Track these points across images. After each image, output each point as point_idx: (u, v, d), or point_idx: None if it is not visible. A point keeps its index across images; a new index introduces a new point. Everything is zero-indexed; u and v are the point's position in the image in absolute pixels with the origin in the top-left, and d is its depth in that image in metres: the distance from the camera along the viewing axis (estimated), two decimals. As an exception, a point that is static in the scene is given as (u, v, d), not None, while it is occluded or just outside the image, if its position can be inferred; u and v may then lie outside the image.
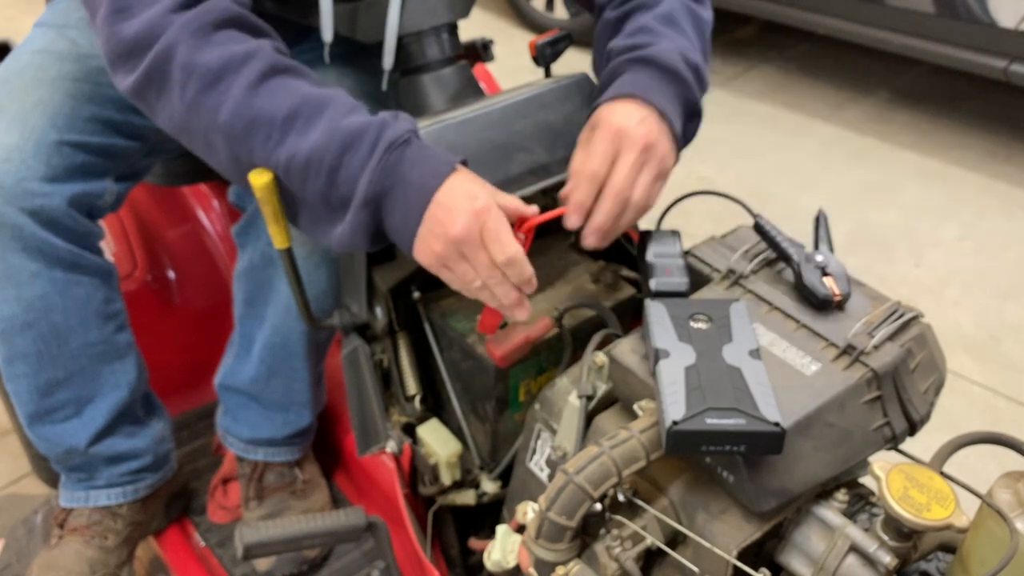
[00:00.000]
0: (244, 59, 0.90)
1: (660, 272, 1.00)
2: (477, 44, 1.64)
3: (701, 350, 0.85)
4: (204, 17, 0.91)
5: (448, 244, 0.88)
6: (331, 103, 0.91)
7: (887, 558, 0.79)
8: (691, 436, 0.77)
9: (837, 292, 0.94)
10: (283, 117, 0.90)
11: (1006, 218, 2.67)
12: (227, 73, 0.90)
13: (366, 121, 0.90)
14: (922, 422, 0.91)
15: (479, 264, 0.89)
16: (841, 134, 3.12)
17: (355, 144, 0.89)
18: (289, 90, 0.91)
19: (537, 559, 0.84)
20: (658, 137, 0.97)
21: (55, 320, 1.18)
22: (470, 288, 0.92)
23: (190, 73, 0.90)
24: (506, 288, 0.91)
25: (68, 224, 1.14)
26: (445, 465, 1.20)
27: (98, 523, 1.34)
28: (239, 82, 0.90)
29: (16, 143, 1.10)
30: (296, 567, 1.39)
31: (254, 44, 0.92)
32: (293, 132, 0.90)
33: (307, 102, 0.90)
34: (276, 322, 1.30)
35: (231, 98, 0.90)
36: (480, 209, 0.88)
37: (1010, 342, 2.22)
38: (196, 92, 0.91)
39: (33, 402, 1.24)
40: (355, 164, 0.89)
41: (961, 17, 2.71)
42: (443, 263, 0.91)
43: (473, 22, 1.26)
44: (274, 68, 0.91)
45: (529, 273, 0.90)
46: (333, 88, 0.93)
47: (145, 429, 1.36)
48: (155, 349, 1.39)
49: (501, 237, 0.88)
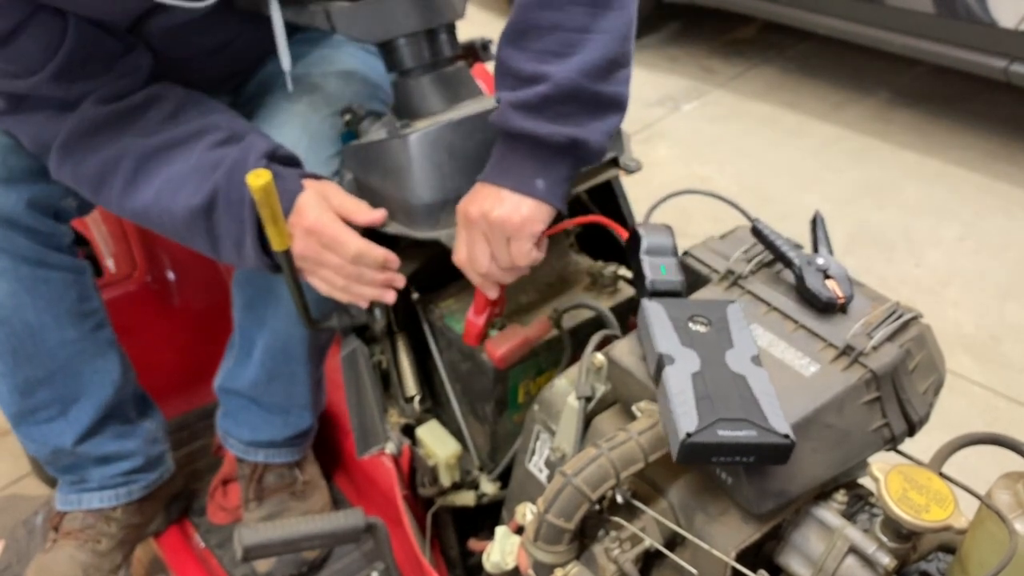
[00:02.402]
0: (115, 162, 1.05)
1: (654, 270, 0.99)
2: (477, 44, 1.64)
3: (705, 356, 0.85)
4: (75, 132, 1.04)
5: (300, 259, 1.04)
6: (191, 175, 1.03)
7: (886, 559, 0.79)
8: (704, 448, 0.77)
9: (840, 295, 0.93)
10: (152, 202, 1.04)
11: (1006, 218, 2.67)
12: (106, 178, 1.06)
13: (221, 176, 1.02)
14: (921, 423, 0.91)
15: (333, 267, 1.03)
16: (841, 134, 3.12)
17: (220, 203, 1.02)
18: (157, 176, 1.04)
19: (536, 561, 0.84)
20: (508, 215, 0.95)
21: (27, 317, 1.18)
22: (339, 290, 1.05)
23: (79, 183, 1.08)
24: (369, 275, 1.03)
25: (29, 224, 1.15)
26: (444, 466, 1.20)
27: (91, 527, 1.34)
28: (117, 183, 1.05)
29: None
30: (296, 568, 1.39)
31: (122, 142, 1.04)
32: (172, 207, 1.03)
33: (169, 183, 1.03)
34: (276, 327, 1.30)
35: (115, 198, 1.06)
36: (309, 226, 1.00)
37: (1010, 342, 2.21)
38: (91, 195, 1.09)
39: (15, 402, 1.24)
40: (227, 221, 1.02)
41: (961, 17, 2.71)
42: (309, 273, 1.06)
43: (473, 22, 1.26)
44: (143, 159, 1.04)
45: (383, 255, 1.03)
46: (196, 148, 1.04)
47: (136, 429, 1.36)
48: (155, 350, 1.39)
49: (339, 239, 1.01)
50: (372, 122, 1.13)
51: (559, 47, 0.93)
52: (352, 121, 1.15)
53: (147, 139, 1.04)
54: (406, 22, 1.12)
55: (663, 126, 3.22)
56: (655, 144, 3.09)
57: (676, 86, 3.47)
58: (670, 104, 3.36)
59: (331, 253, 1.02)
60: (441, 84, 1.16)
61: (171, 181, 1.03)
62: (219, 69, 1.25)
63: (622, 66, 0.96)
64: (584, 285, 1.23)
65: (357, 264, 1.02)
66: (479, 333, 1.09)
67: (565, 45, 0.93)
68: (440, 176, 1.05)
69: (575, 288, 1.22)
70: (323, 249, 1.02)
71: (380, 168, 1.08)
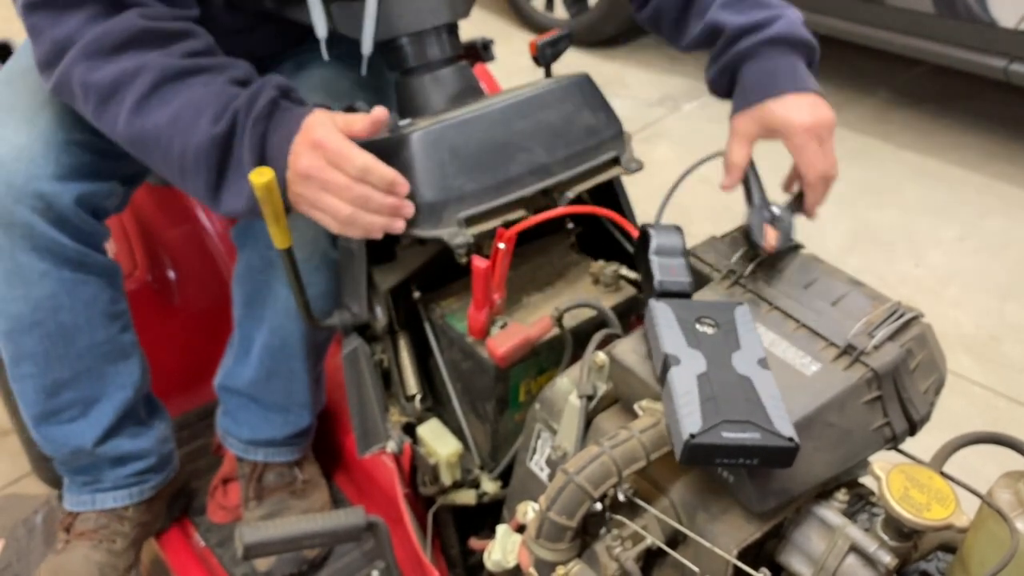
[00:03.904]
0: (134, 74, 0.99)
1: (663, 271, 0.99)
2: (477, 44, 1.64)
3: (711, 357, 0.85)
4: (104, 39, 0.99)
5: (303, 181, 0.97)
6: (207, 105, 0.98)
7: (887, 558, 0.79)
8: (708, 449, 0.77)
9: (771, 244, 0.94)
10: (165, 125, 0.99)
11: (1006, 218, 2.67)
12: (119, 89, 0.99)
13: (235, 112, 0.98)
14: (922, 422, 0.91)
15: (339, 186, 0.96)
16: (841, 134, 3.08)
17: (238, 132, 0.98)
18: (176, 98, 0.99)
19: (537, 559, 0.84)
20: (828, 114, 1.09)
21: (62, 319, 1.18)
22: (346, 222, 0.98)
23: (87, 91, 1.00)
24: (377, 198, 0.98)
25: (76, 223, 1.14)
26: (445, 465, 1.20)
27: (105, 526, 1.34)
28: (129, 97, 0.99)
29: (26, 142, 1.10)
30: (296, 567, 1.39)
31: (146, 58, 0.99)
32: (190, 133, 0.98)
33: (188, 107, 0.98)
34: (275, 324, 1.30)
35: (124, 113, 1.00)
36: (314, 140, 0.96)
37: (1010, 342, 2.22)
38: (95, 108, 1.01)
39: (40, 403, 1.24)
40: (238, 150, 0.98)
41: (961, 17, 2.71)
42: (311, 204, 0.99)
43: (473, 22, 1.27)
44: (163, 78, 0.99)
45: (391, 174, 0.98)
46: (217, 79, 1.01)
47: (149, 430, 1.36)
48: (155, 349, 1.39)
49: (344, 153, 0.96)
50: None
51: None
52: (353, 120, 1.15)
53: (171, 60, 1.00)
54: (409, 21, 1.12)
55: (663, 126, 3.22)
56: (655, 144, 3.09)
57: (676, 86, 3.46)
58: (670, 104, 3.36)
59: (336, 171, 0.96)
60: (443, 83, 1.16)
61: (190, 106, 0.98)
62: (244, 50, 1.25)
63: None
64: (585, 284, 1.23)
65: (363, 181, 0.97)
66: (482, 327, 1.10)
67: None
68: (442, 175, 1.05)
69: (576, 287, 1.22)
70: (328, 166, 0.96)
71: (382, 167, 1.08)
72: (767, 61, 1.08)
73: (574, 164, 1.14)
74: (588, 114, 1.16)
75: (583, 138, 1.15)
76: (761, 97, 1.08)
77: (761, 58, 1.08)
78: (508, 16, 3.94)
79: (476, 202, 1.06)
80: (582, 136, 1.15)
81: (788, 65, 1.08)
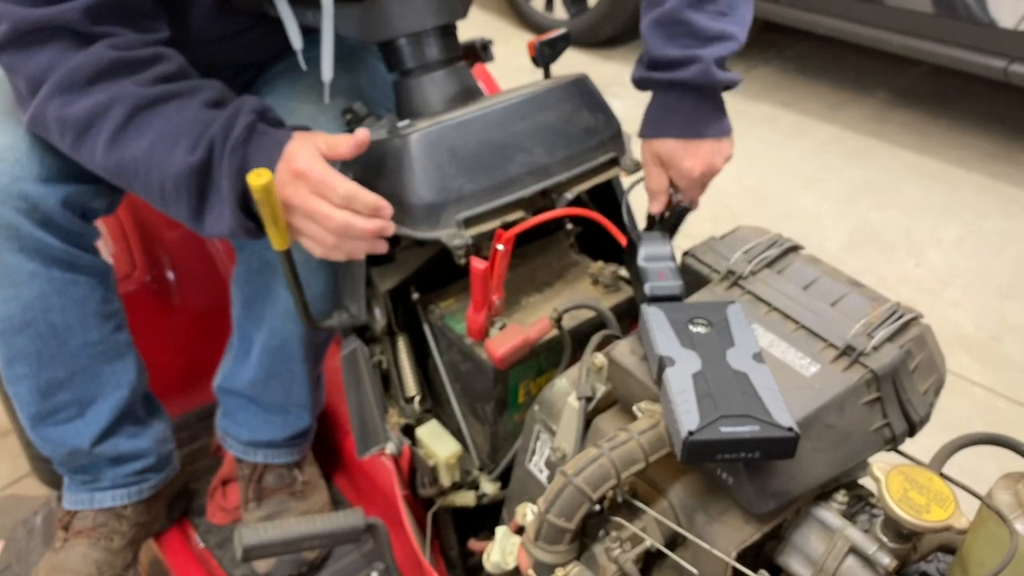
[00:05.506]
0: (107, 107, 0.99)
1: (653, 276, 1.01)
2: (477, 44, 1.64)
3: (705, 356, 0.85)
4: (76, 73, 0.99)
5: (286, 210, 0.99)
6: (182, 134, 0.98)
7: (886, 559, 0.79)
8: (707, 445, 0.77)
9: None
10: (143, 156, 0.99)
11: (1006, 218, 2.67)
12: (94, 122, 1.00)
13: (211, 139, 0.98)
14: (922, 423, 0.91)
15: (323, 215, 0.98)
16: (840, 134, 3.12)
17: (215, 160, 0.98)
18: (151, 128, 0.99)
19: (536, 561, 0.84)
20: (716, 162, 1.14)
21: (53, 320, 1.17)
22: (331, 248, 1.01)
23: (63, 126, 1.01)
24: (359, 224, 0.98)
25: (63, 224, 1.14)
26: (444, 466, 1.20)
27: (103, 525, 1.34)
28: (105, 130, 0.99)
29: (10, 143, 1.10)
30: (296, 568, 1.39)
31: (118, 88, 0.99)
32: (167, 163, 0.99)
33: (164, 137, 0.99)
34: (274, 325, 1.30)
35: (101, 146, 1.00)
36: (297, 169, 0.97)
37: (1010, 342, 2.21)
38: (72, 142, 1.02)
39: (35, 403, 1.24)
40: (217, 177, 0.98)
41: (961, 17, 2.71)
42: (296, 232, 1.01)
43: (473, 22, 1.26)
44: (136, 108, 0.99)
45: (374, 199, 0.99)
46: (190, 103, 1.00)
47: (147, 429, 1.36)
48: (154, 350, 1.39)
49: (328, 182, 0.97)
50: (373, 122, 1.13)
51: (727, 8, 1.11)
52: (353, 121, 1.15)
53: (143, 89, 1.00)
54: (407, 22, 1.12)
55: (663, 126, 3.22)
56: (655, 144, 3.09)
57: (676, 86, 3.46)
58: (670, 104, 3.35)
59: (320, 200, 0.98)
60: (442, 84, 1.16)
61: (166, 136, 0.99)
62: (232, 56, 1.25)
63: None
64: (585, 285, 1.23)
65: (347, 208, 0.98)
66: (481, 328, 1.10)
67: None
68: (441, 176, 1.05)
69: (576, 288, 1.22)
70: (311, 195, 0.98)
71: (381, 168, 1.08)
72: (673, 101, 1.12)
73: (573, 165, 1.14)
74: (587, 114, 1.16)
75: (582, 138, 1.15)
76: (657, 134, 1.14)
77: (668, 97, 1.12)
78: (507, 16, 3.94)
79: (475, 203, 1.06)
80: (581, 136, 1.15)
81: (691, 110, 1.11)
